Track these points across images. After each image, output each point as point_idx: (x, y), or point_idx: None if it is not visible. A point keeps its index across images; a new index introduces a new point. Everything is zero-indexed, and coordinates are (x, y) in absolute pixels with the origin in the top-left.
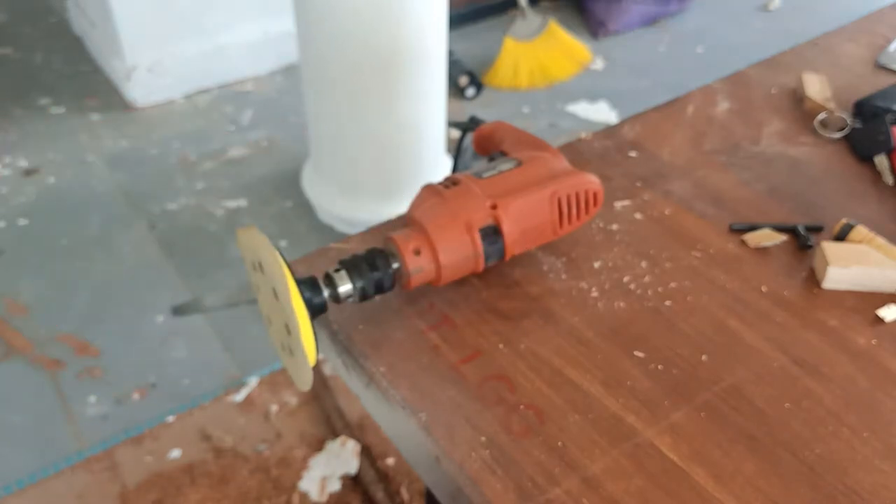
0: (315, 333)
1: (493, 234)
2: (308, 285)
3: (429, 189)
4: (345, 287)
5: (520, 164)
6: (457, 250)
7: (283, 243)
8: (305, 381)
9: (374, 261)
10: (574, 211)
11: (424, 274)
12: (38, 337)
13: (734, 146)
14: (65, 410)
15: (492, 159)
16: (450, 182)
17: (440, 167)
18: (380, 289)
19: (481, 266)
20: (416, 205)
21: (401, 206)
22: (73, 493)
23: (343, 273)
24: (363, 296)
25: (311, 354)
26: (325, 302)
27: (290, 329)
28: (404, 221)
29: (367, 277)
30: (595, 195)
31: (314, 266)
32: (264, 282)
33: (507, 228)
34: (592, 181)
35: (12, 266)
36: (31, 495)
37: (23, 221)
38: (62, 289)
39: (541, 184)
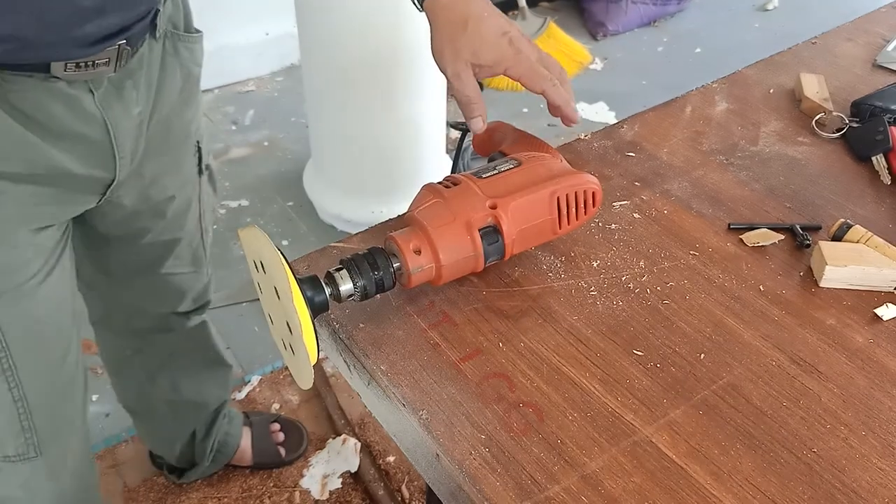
0: (316, 332)
1: (493, 233)
2: (310, 284)
3: (429, 189)
4: (346, 286)
5: (519, 164)
6: (457, 250)
7: (284, 243)
8: (306, 380)
9: (374, 260)
10: (573, 210)
11: (425, 273)
12: None
13: (732, 146)
14: None
15: (492, 159)
16: (450, 182)
17: (440, 167)
18: (381, 288)
19: (481, 265)
20: (416, 204)
21: (401, 206)
22: None
23: (344, 272)
24: (364, 295)
25: (312, 353)
26: (327, 301)
27: (291, 328)
28: (405, 221)
29: (369, 276)
30: (594, 195)
31: (315, 265)
32: (266, 281)
33: (506, 228)
34: (591, 181)
35: None
36: None
37: None
38: None
39: (540, 184)
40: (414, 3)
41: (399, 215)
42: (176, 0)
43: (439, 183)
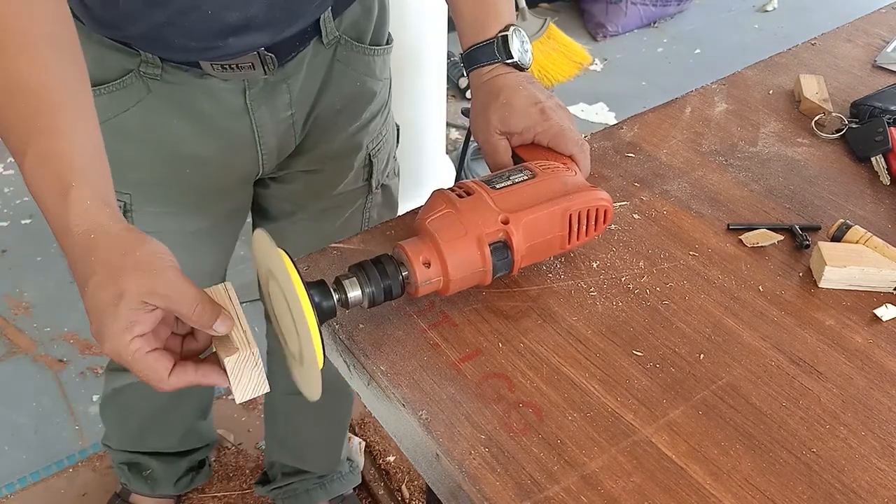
0: (322, 339)
1: (502, 248)
2: (318, 289)
3: (441, 196)
4: (354, 293)
5: (534, 175)
6: (467, 265)
7: None
8: (314, 390)
9: (384, 268)
10: (584, 228)
11: (432, 285)
12: (41, 336)
13: (731, 147)
14: (68, 409)
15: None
16: (463, 191)
17: (440, 168)
18: (389, 296)
19: (489, 280)
20: (427, 212)
21: (401, 207)
22: (75, 490)
23: (354, 280)
24: (372, 302)
25: (319, 358)
26: (335, 307)
27: (299, 331)
28: (415, 229)
29: (378, 285)
30: (605, 213)
31: (316, 266)
32: (276, 293)
33: (517, 244)
34: (604, 198)
35: (16, 265)
36: (34, 493)
37: (26, 220)
38: (65, 288)
39: (553, 200)
40: (466, 76)
41: (399, 216)
42: (369, 10)
43: (452, 190)
